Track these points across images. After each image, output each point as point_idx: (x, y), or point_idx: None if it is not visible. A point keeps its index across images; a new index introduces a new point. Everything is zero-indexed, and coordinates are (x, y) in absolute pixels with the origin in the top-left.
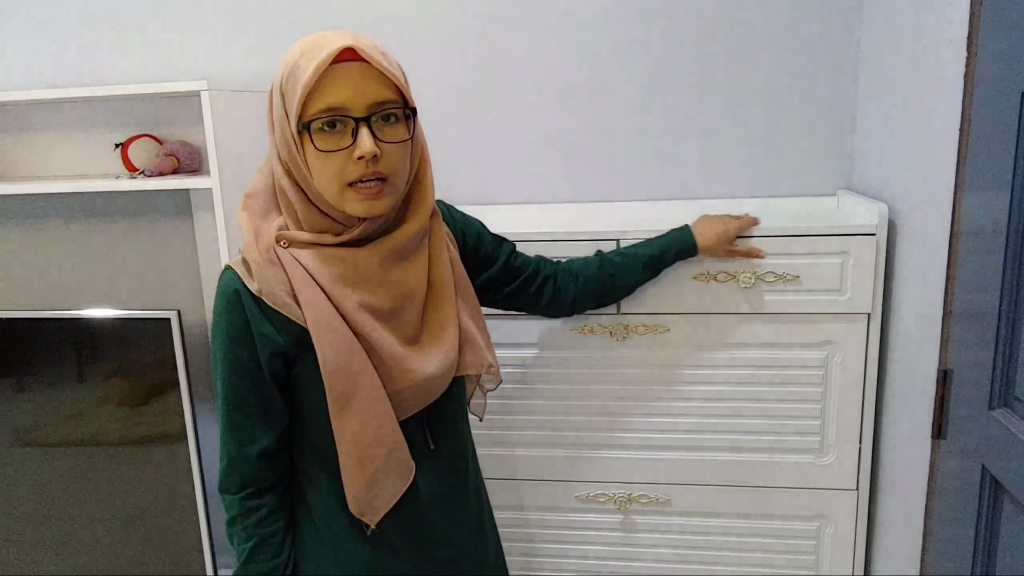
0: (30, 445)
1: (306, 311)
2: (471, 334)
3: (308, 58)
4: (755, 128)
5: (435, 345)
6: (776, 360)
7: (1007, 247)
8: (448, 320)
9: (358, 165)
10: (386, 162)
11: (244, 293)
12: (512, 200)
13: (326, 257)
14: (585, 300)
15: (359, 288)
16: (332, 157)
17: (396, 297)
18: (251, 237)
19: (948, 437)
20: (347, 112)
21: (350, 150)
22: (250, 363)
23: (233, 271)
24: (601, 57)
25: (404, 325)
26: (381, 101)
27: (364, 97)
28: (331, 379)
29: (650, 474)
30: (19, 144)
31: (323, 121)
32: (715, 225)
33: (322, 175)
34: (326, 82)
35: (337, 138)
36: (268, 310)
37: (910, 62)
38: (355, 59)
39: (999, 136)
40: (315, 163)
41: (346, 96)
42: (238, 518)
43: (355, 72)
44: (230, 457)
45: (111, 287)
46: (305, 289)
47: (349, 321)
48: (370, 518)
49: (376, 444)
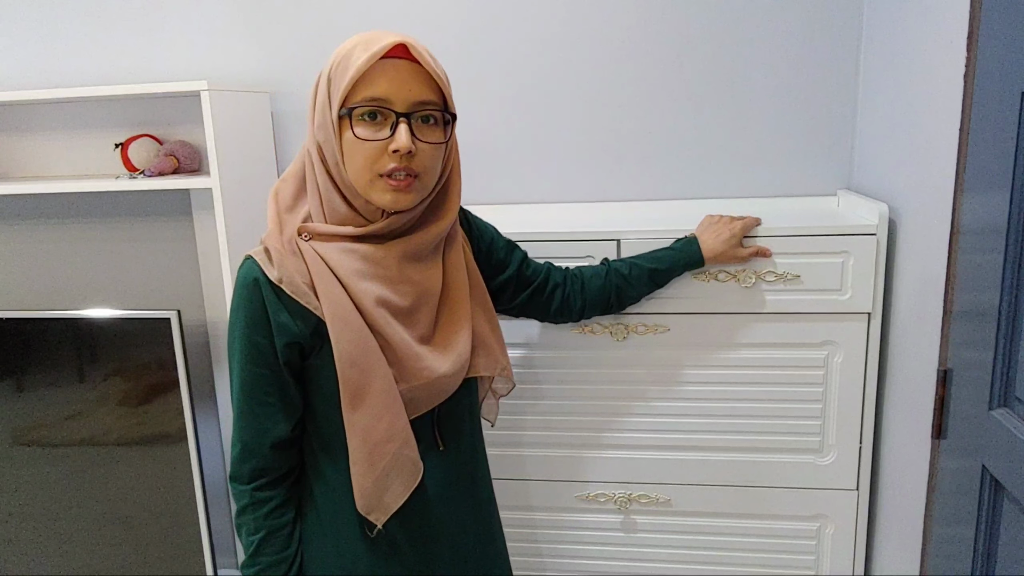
0: (30, 445)
1: (324, 302)
2: (484, 336)
3: (362, 49)
4: (755, 128)
5: (449, 345)
6: (776, 360)
7: (1007, 247)
8: (462, 322)
9: (392, 158)
10: (419, 160)
11: (263, 281)
12: (513, 200)
13: (346, 251)
14: (592, 309)
15: (378, 283)
16: (368, 146)
17: (413, 295)
18: (274, 226)
19: (948, 437)
20: (390, 105)
21: (387, 142)
22: (268, 351)
23: (253, 260)
24: (602, 58)
25: (419, 324)
26: (423, 101)
27: (409, 94)
28: (345, 372)
29: (650, 474)
30: (19, 144)
31: (365, 110)
32: (720, 231)
33: (355, 162)
34: (375, 73)
35: (376, 128)
36: (286, 299)
37: (910, 62)
38: (406, 57)
39: (999, 136)
40: (350, 149)
41: (392, 89)
42: (248, 508)
43: (404, 69)
44: (244, 444)
45: (111, 287)
46: (324, 281)
47: (365, 315)
48: (377, 516)
49: (387, 440)
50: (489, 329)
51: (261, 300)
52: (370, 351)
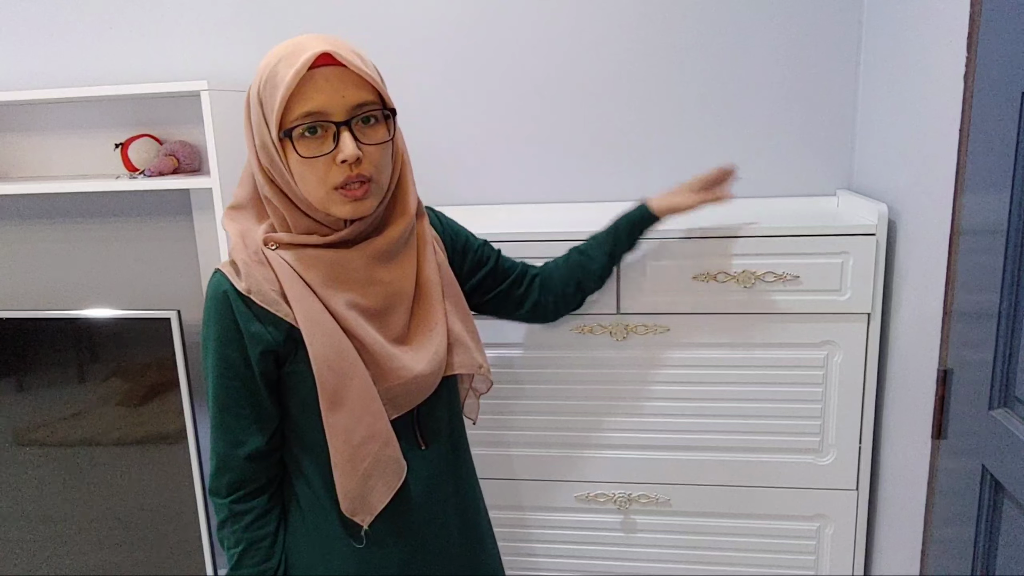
0: (30, 445)
1: (295, 308)
2: (460, 335)
3: (286, 64)
4: (755, 128)
5: (424, 345)
6: (776, 360)
7: (1007, 247)
8: (436, 320)
9: (341, 169)
10: (369, 162)
11: (232, 294)
12: (509, 200)
13: (313, 258)
14: (565, 294)
15: (347, 288)
16: (315, 163)
17: (384, 297)
18: (238, 239)
19: (948, 437)
20: (328, 117)
21: (332, 155)
22: (240, 364)
23: (222, 273)
24: (601, 57)
25: (392, 325)
26: (360, 104)
27: (344, 101)
28: (322, 375)
29: (650, 474)
30: (19, 144)
31: (304, 127)
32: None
33: (306, 181)
34: (305, 88)
35: (319, 143)
36: (257, 309)
37: (910, 62)
38: (332, 63)
39: (999, 136)
40: (298, 169)
41: (326, 101)
42: (227, 521)
43: (333, 76)
44: (219, 458)
45: (111, 287)
46: (294, 288)
47: (338, 319)
48: (362, 518)
49: (368, 441)
50: (464, 328)
51: (231, 312)
52: (345, 353)
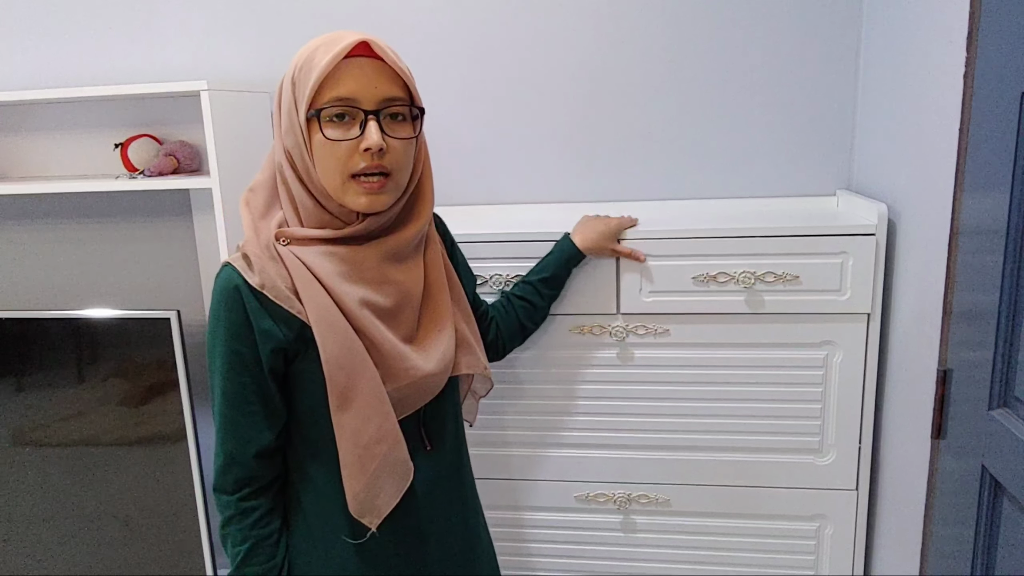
0: (30, 445)
1: (307, 306)
2: (465, 335)
3: (324, 50)
4: (755, 128)
5: (432, 345)
6: (776, 360)
7: (1007, 247)
8: (444, 321)
9: (363, 157)
10: (391, 157)
11: (244, 288)
12: (510, 200)
13: (326, 253)
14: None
15: (360, 285)
16: (338, 147)
17: (396, 296)
18: (251, 233)
19: (948, 437)
20: (358, 104)
21: (357, 141)
22: (250, 360)
23: (232, 267)
24: (600, 57)
25: (403, 324)
26: (391, 97)
27: (375, 91)
28: (332, 375)
29: (650, 474)
30: (19, 144)
31: (333, 112)
32: (596, 224)
33: (326, 165)
34: (340, 73)
35: (345, 129)
36: (269, 304)
37: (910, 62)
38: (369, 55)
39: (999, 136)
40: (320, 152)
41: (358, 88)
42: (234, 519)
43: (368, 67)
44: (227, 455)
45: (111, 287)
46: (306, 284)
47: (350, 317)
48: (370, 520)
49: (376, 442)
50: (468, 328)
51: (243, 307)
52: (356, 353)
